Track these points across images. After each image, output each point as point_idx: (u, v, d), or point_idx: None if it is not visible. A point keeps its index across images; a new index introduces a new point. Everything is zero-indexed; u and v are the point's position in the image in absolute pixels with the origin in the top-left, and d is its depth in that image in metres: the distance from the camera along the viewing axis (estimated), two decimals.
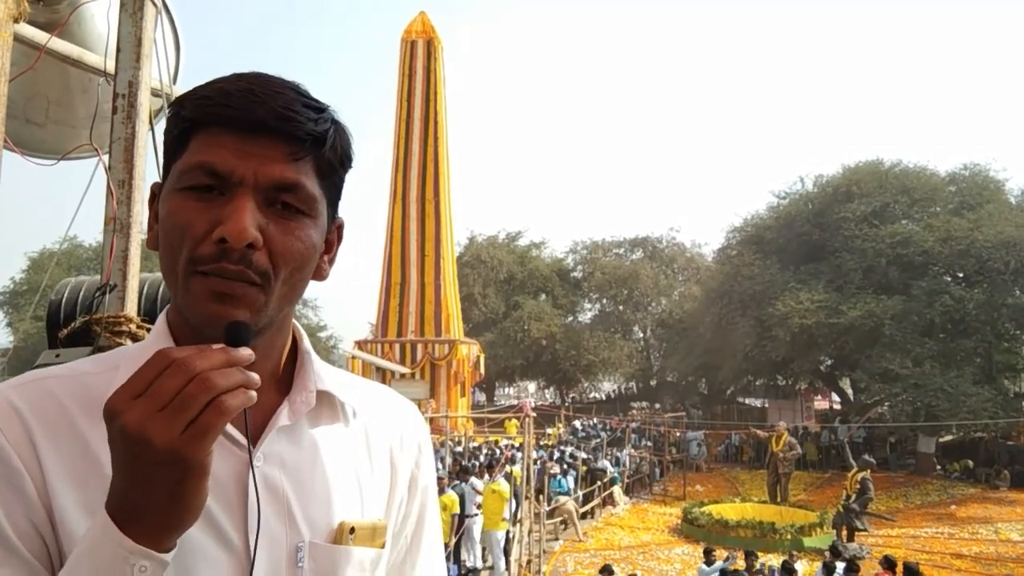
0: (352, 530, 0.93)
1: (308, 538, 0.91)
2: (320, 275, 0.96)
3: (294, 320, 1.01)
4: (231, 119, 0.84)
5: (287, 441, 0.93)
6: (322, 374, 0.99)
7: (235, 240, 0.81)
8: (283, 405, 0.94)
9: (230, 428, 0.88)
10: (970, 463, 25.14)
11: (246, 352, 0.75)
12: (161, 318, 0.95)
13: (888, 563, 11.74)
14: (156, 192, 0.93)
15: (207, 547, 0.84)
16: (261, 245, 0.83)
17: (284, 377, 0.98)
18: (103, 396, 0.73)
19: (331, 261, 0.98)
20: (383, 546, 0.98)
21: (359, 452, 1.01)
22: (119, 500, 0.72)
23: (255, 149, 0.84)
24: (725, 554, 13.26)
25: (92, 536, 0.73)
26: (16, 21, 2.43)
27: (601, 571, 11.54)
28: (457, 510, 12.53)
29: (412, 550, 1.10)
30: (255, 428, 0.91)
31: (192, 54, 4.02)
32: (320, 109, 0.88)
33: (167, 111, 3.14)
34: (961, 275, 27.83)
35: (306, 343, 1.01)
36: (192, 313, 0.85)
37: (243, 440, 0.88)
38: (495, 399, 47.18)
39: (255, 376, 0.74)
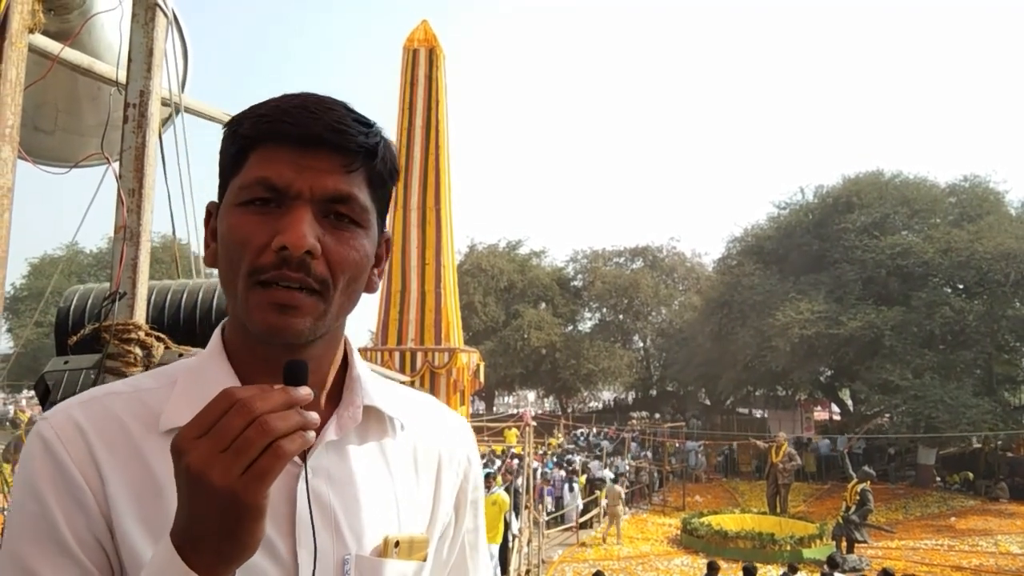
0: (397, 543, 0.95)
1: (354, 551, 0.93)
2: (371, 287, 0.98)
3: (345, 334, 1.02)
4: (288, 135, 0.87)
5: (334, 455, 0.95)
6: (370, 388, 1.00)
7: (295, 247, 0.83)
8: (331, 420, 0.96)
9: None
10: (970, 475, 25.08)
11: (305, 391, 0.76)
12: (216, 333, 0.98)
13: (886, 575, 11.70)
14: (212, 211, 0.96)
15: (256, 559, 0.84)
16: (319, 254, 0.86)
17: (334, 390, 1.00)
18: (160, 411, 0.79)
19: (380, 274, 1.00)
20: (425, 559, 1.00)
21: (406, 466, 1.03)
22: (182, 532, 0.74)
23: (311, 163, 0.87)
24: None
25: (157, 562, 0.75)
26: (32, 32, 2.46)
27: None
28: None
29: (459, 564, 1.12)
30: None
31: (197, 63, 4.05)
32: (369, 124, 0.92)
33: (173, 119, 3.15)
34: (961, 286, 27.81)
35: (356, 357, 1.03)
36: (253, 324, 0.87)
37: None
38: (495, 408, 47.07)
39: (314, 416, 0.75)
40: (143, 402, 0.92)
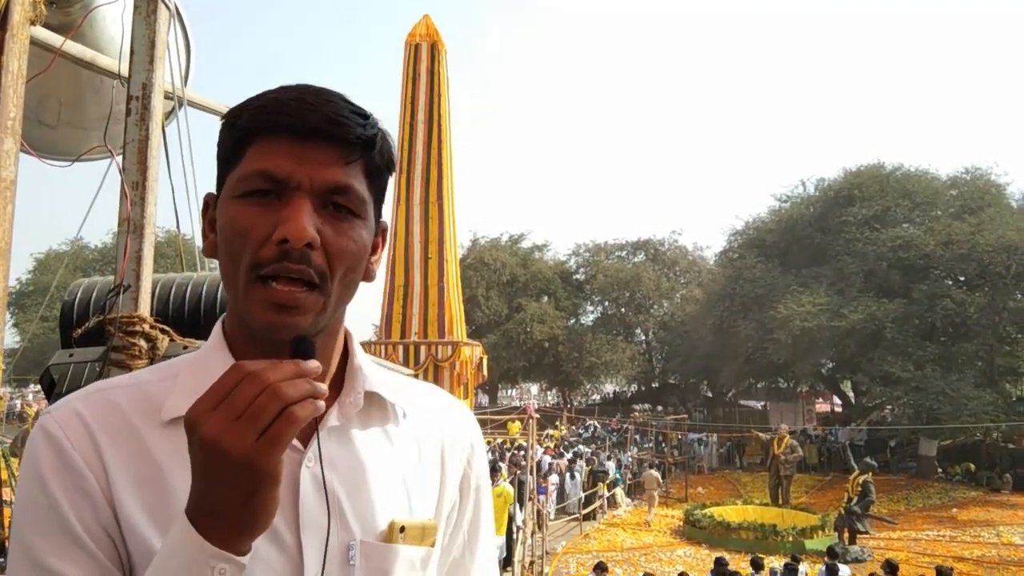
0: (402, 529, 0.96)
1: (359, 537, 0.93)
2: (369, 276, 0.98)
3: (345, 325, 1.03)
4: (286, 127, 0.87)
5: (337, 442, 0.96)
6: (371, 375, 1.01)
7: (296, 239, 0.84)
8: (333, 406, 0.96)
9: None
10: (971, 466, 25.10)
11: (314, 364, 0.78)
12: (217, 326, 0.99)
13: (890, 567, 11.73)
14: (210, 202, 0.97)
15: (260, 546, 0.85)
16: (319, 245, 0.87)
17: (336, 378, 1.00)
18: (163, 403, 0.79)
19: (377, 262, 1.00)
20: (433, 545, 1.00)
21: (409, 452, 1.03)
22: (198, 505, 0.75)
23: (310, 154, 0.87)
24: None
25: (173, 540, 0.76)
26: (33, 24, 2.46)
27: (595, 569, 11.63)
28: None
29: (469, 547, 1.12)
30: (308, 429, 0.93)
31: (200, 56, 4.05)
32: (366, 116, 0.92)
33: (176, 112, 3.16)
34: (962, 279, 27.76)
35: (357, 346, 1.04)
36: (253, 321, 0.88)
37: (295, 441, 0.91)
38: (498, 401, 47.11)
39: (322, 387, 0.77)
40: (145, 394, 0.92)
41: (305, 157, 0.87)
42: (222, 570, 0.75)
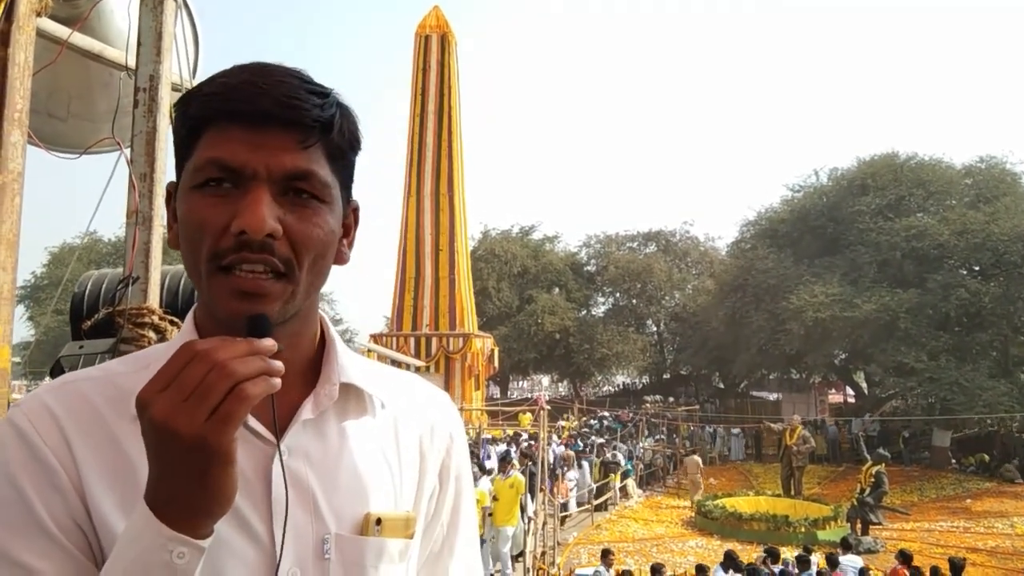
0: (379, 521, 0.94)
1: (334, 530, 0.92)
2: (341, 259, 0.96)
3: (321, 312, 1.02)
4: (238, 112, 0.84)
5: (312, 434, 0.94)
6: (347, 366, 0.99)
7: (254, 231, 0.82)
8: (308, 398, 0.95)
9: (254, 422, 0.90)
10: (985, 457, 24.99)
11: (268, 342, 0.77)
12: (189, 316, 0.97)
13: (904, 557, 11.71)
14: (172, 191, 0.94)
15: (233, 540, 0.85)
16: (281, 235, 0.84)
17: (312, 369, 0.99)
18: (135, 395, 0.75)
19: (350, 244, 0.98)
20: (412, 536, 0.99)
21: (387, 443, 1.01)
22: (154, 489, 0.74)
23: (265, 140, 0.85)
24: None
25: (133, 526, 0.75)
26: (39, 15, 2.46)
27: (601, 556, 11.71)
28: (488, 503, 12.49)
29: (449, 539, 1.10)
30: (282, 421, 0.92)
31: (209, 47, 4.05)
32: (324, 94, 0.89)
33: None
34: (977, 268, 27.60)
35: (332, 333, 1.02)
36: (218, 310, 0.87)
37: (267, 434, 0.90)
38: (509, 392, 47.14)
39: (278, 364, 0.76)
40: (116, 385, 0.91)
41: (260, 143, 0.84)
42: (181, 553, 0.73)
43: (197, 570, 0.75)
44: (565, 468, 18.55)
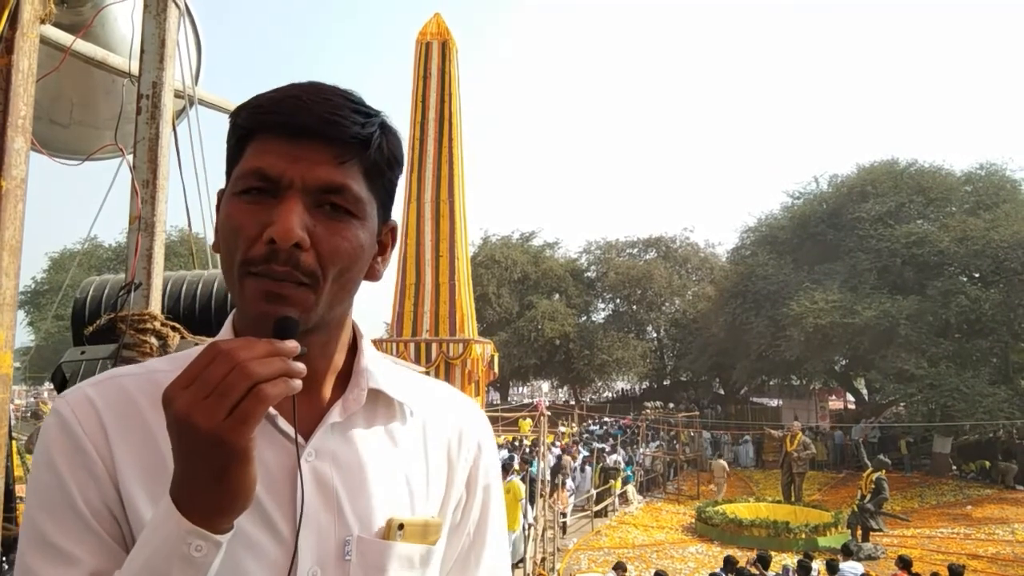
0: (401, 526, 0.96)
1: (356, 532, 0.94)
2: (373, 275, 0.99)
3: (354, 319, 1.04)
4: (280, 125, 0.88)
5: (339, 438, 0.97)
6: (377, 374, 1.02)
7: (282, 240, 0.85)
8: (337, 403, 0.98)
9: (283, 423, 0.93)
10: (986, 463, 24.94)
11: (291, 344, 0.79)
12: (228, 320, 1.01)
13: (903, 563, 11.69)
14: (220, 197, 0.98)
15: (257, 537, 0.89)
16: (308, 246, 0.87)
17: (344, 376, 1.02)
18: None
19: (385, 262, 1.01)
20: (435, 543, 1.01)
21: (415, 450, 1.04)
22: (178, 485, 0.78)
23: (303, 153, 0.88)
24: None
25: (156, 517, 0.79)
26: (43, 22, 2.47)
27: (614, 568, 11.60)
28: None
29: (475, 546, 1.11)
30: (311, 424, 0.96)
31: (211, 55, 4.07)
32: (368, 114, 0.92)
33: (187, 111, 3.18)
34: (977, 275, 27.57)
35: (366, 343, 1.05)
36: (246, 312, 0.90)
37: (294, 435, 0.93)
38: (509, 398, 47.10)
39: (299, 366, 0.78)
40: (155, 383, 0.93)
41: (298, 156, 0.88)
42: (199, 547, 0.76)
43: (215, 564, 0.79)
44: (563, 477, 18.54)
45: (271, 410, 0.91)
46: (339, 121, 0.89)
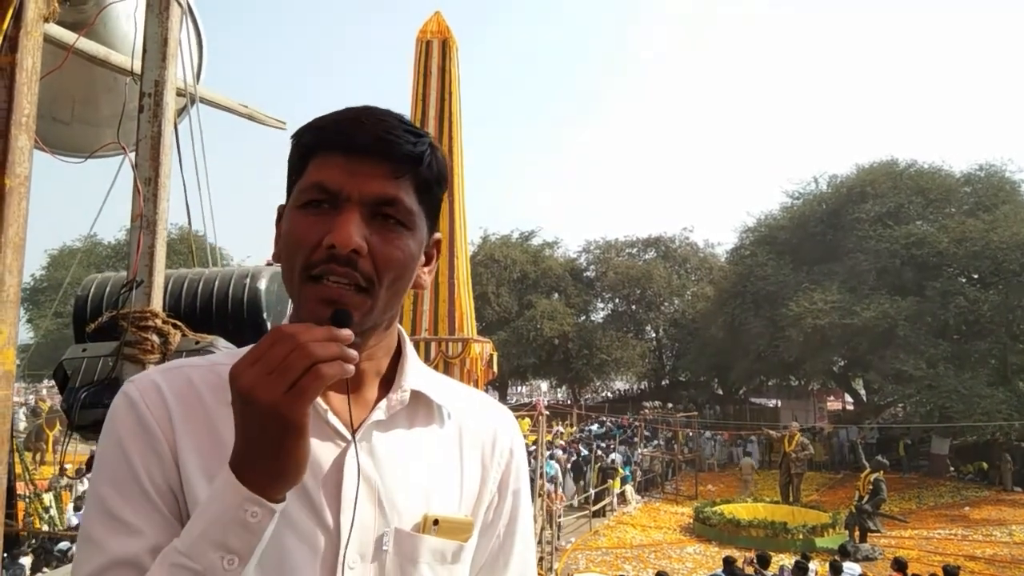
0: (436, 522, 1.03)
1: (395, 525, 1.01)
2: (420, 284, 1.05)
3: (399, 325, 1.10)
4: (340, 143, 0.96)
5: (382, 435, 1.04)
6: (417, 377, 1.09)
7: (342, 245, 0.92)
8: (381, 403, 1.05)
9: (333, 419, 1.00)
10: (984, 465, 24.96)
11: (347, 332, 0.86)
12: (286, 319, 1.06)
13: (898, 564, 11.70)
14: (281, 212, 1.05)
15: (304, 524, 0.96)
16: (366, 252, 0.94)
17: (389, 379, 1.09)
18: None
19: (430, 272, 1.08)
20: (467, 541, 1.07)
21: (451, 451, 1.11)
22: (239, 453, 0.85)
23: (360, 168, 0.96)
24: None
25: (216, 486, 0.86)
26: (47, 21, 2.48)
27: None
28: None
29: (505, 547, 1.18)
30: (356, 422, 1.02)
31: (213, 53, 4.07)
32: (419, 135, 0.99)
33: (189, 110, 3.18)
34: (976, 276, 27.57)
35: (409, 348, 1.12)
36: (306, 316, 0.95)
37: (344, 430, 1.00)
38: (508, 397, 47.07)
39: (353, 352, 0.85)
40: (217, 374, 1.00)
41: (356, 171, 0.95)
42: (254, 513, 0.83)
43: (268, 530, 0.85)
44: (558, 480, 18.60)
45: (322, 405, 1.00)
46: (394, 140, 0.96)
